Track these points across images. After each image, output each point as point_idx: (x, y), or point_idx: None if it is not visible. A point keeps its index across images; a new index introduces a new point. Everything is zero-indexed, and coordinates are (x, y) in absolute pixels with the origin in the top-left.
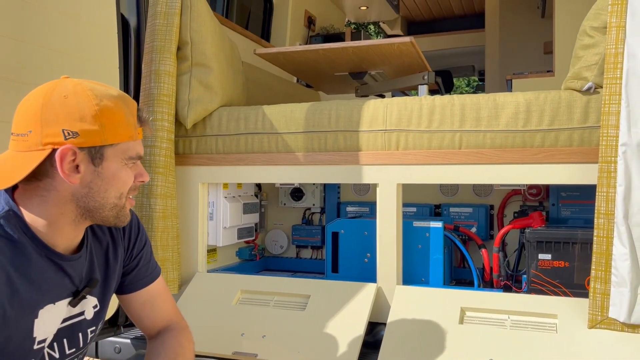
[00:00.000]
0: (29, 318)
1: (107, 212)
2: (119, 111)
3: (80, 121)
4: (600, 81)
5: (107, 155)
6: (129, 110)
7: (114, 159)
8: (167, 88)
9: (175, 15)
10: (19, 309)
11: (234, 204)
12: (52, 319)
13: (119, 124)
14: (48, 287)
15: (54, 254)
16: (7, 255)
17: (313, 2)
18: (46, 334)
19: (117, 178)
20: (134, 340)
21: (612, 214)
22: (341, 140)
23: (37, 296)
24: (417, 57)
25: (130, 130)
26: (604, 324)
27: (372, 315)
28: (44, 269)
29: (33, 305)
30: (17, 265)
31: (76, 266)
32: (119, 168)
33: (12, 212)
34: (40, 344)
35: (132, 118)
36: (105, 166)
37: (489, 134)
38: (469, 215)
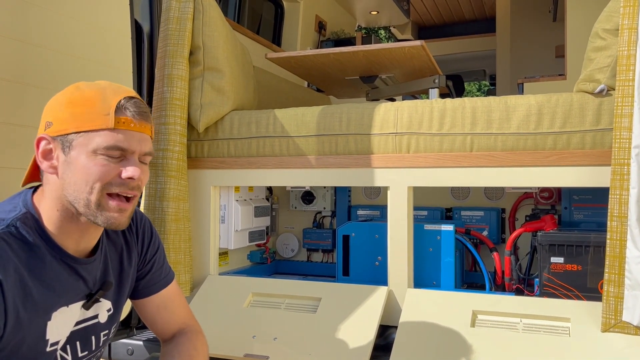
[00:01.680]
0: (42, 320)
1: (83, 208)
2: (94, 99)
3: (57, 110)
4: (613, 83)
5: (75, 143)
6: (110, 99)
7: (83, 148)
8: (180, 92)
9: (188, 20)
10: (32, 311)
11: (245, 207)
12: (65, 322)
13: (91, 111)
14: (62, 289)
15: (68, 257)
16: (21, 257)
17: (324, 7)
18: (59, 336)
19: (86, 169)
20: (147, 342)
21: (625, 216)
22: (352, 144)
23: (50, 299)
24: (428, 60)
25: (104, 119)
26: (618, 328)
27: (383, 318)
28: (58, 272)
29: (46, 308)
30: (31, 268)
31: (90, 269)
32: (91, 159)
33: (29, 214)
34: (53, 346)
35: (110, 107)
36: (74, 155)
37: (500, 137)
38: (480, 218)
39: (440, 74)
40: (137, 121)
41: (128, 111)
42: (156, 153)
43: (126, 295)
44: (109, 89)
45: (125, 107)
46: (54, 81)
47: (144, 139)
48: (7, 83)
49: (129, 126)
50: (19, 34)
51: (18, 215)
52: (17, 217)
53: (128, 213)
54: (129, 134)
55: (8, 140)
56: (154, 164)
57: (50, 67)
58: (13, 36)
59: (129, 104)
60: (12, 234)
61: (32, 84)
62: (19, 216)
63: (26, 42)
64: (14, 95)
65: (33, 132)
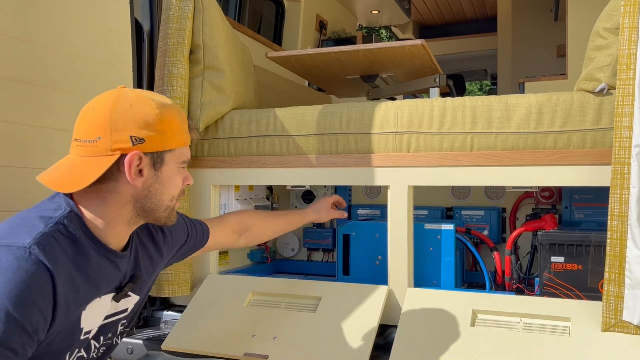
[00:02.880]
0: (80, 310)
1: (160, 213)
2: (176, 119)
3: (146, 128)
4: (613, 82)
5: (166, 159)
6: (182, 118)
7: (171, 164)
8: (180, 91)
9: (188, 19)
10: (77, 304)
11: (245, 206)
12: (97, 312)
13: (177, 130)
14: (102, 282)
15: (109, 251)
16: (69, 253)
17: (324, 7)
18: (91, 325)
19: (172, 181)
20: (146, 341)
21: (625, 216)
22: (352, 143)
23: (92, 292)
24: (429, 59)
25: (184, 136)
26: (618, 327)
27: (383, 317)
28: (101, 265)
29: (87, 300)
30: (78, 264)
31: (125, 262)
32: (174, 172)
33: (74, 213)
34: (86, 335)
35: (185, 125)
36: (164, 170)
37: (500, 136)
38: (480, 218)
39: (441, 73)
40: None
41: (192, 129)
42: None
43: (148, 290)
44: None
45: (191, 127)
46: (54, 80)
47: None
48: (8, 82)
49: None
50: (20, 33)
51: (64, 213)
52: (63, 215)
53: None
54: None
55: (9, 139)
56: None
57: (51, 66)
58: (14, 35)
59: (190, 123)
60: (60, 231)
61: (32, 82)
62: (65, 214)
63: (27, 41)
64: (14, 94)
65: (34, 131)
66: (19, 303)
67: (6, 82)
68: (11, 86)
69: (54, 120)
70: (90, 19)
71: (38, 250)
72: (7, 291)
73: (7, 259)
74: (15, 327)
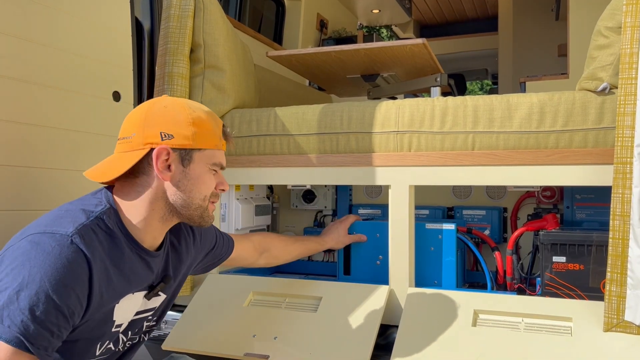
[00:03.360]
0: (113, 303)
1: (192, 211)
2: (208, 122)
3: (176, 126)
4: (616, 81)
5: (195, 158)
6: (216, 124)
7: (200, 163)
8: (180, 90)
9: (189, 18)
10: (111, 295)
11: (246, 206)
12: (129, 307)
13: (207, 132)
14: (134, 278)
15: (142, 250)
16: (105, 247)
17: (325, 6)
18: (122, 320)
19: (201, 181)
20: (147, 341)
21: (627, 215)
22: (353, 142)
23: (125, 286)
24: (430, 58)
25: (216, 139)
26: (620, 327)
27: (384, 317)
28: (134, 262)
29: (121, 294)
30: (112, 257)
31: (158, 262)
32: (204, 172)
33: (112, 210)
34: (117, 328)
35: (218, 130)
36: (192, 168)
37: (502, 135)
38: (482, 217)
39: (442, 72)
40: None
41: (227, 136)
42: None
43: (176, 292)
44: (212, 114)
45: (226, 134)
46: (54, 79)
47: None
48: (9, 80)
49: (225, 147)
50: (20, 31)
51: (104, 209)
52: (103, 211)
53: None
54: (223, 152)
55: (10, 138)
56: None
57: (51, 64)
58: (14, 34)
59: (226, 130)
60: (99, 225)
61: (33, 81)
62: (105, 210)
63: (27, 40)
64: (15, 93)
65: (34, 130)
66: (59, 287)
67: (6, 81)
68: (10, 85)
69: (55, 119)
70: (90, 17)
71: (79, 239)
72: (48, 275)
73: (51, 244)
74: (53, 308)
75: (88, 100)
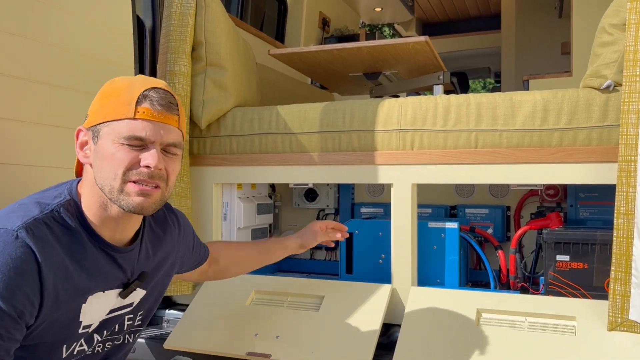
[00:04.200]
0: (78, 303)
1: (108, 194)
2: (121, 91)
3: (92, 104)
4: (620, 79)
5: (102, 133)
6: (130, 92)
7: (107, 138)
8: (182, 88)
9: (190, 16)
10: (71, 292)
11: (248, 205)
12: (100, 307)
13: (116, 103)
14: (99, 275)
15: (105, 244)
16: (62, 241)
17: (327, 4)
18: (92, 320)
19: (111, 157)
20: (149, 340)
21: (632, 213)
22: (355, 140)
23: (88, 283)
24: (432, 56)
25: (125, 109)
26: (624, 327)
27: (386, 316)
28: (97, 258)
29: (84, 291)
30: (72, 252)
31: (128, 258)
32: (115, 147)
33: (72, 201)
34: (85, 329)
35: (133, 98)
36: (100, 144)
37: (505, 133)
38: (485, 216)
39: (444, 71)
40: (157, 111)
41: (149, 101)
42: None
43: (162, 291)
44: (139, 80)
45: (147, 97)
46: (55, 77)
47: (166, 129)
48: (9, 79)
49: (148, 116)
50: (21, 30)
51: (62, 201)
52: (60, 203)
53: (153, 199)
54: (147, 124)
55: (11, 137)
56: None
57: (52, 63)
58: (15, 32)
59: (153, 93)
60: (55, 218)
61: (33, 80)
62: (63, 202)
63: (28, 39)
64: (15, 92)
65: (35, 128)
66: (3, 287)
67: (6, 79)
68: (11, 83)
69: (55, 118)
70: (92, 15)
71: (25, 234)
72: None
73: None
74: None
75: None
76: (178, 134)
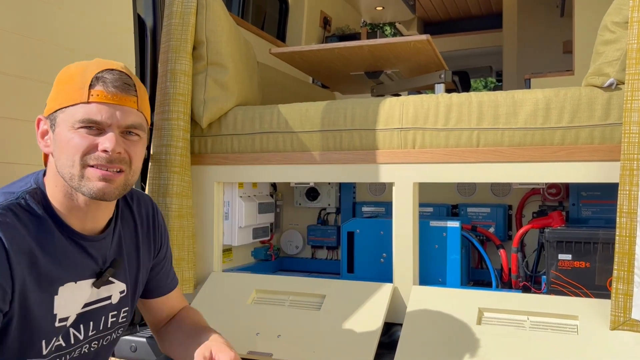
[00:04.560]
0: (48, 293)
1: (69, 182)
2: (73, 76)
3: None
4: (622, 77)
5: (59, 120)
6: (83, 74)
7: (63, 124)
8: (183, 87)
9: (191, 15)
10: (38, 281)
11: (249, 204)
12: (75, 298)
13: (69, 87)
14: (69, 264)
15: (74, 233)
16: (29, 228)
17: (328, 3)
18: (68, 312)
19: (67, 144)
20: (150, 339)
21: (634, 212)
22: (357, 139)
23: (57, 272)
24: (434, 55)
25: (78, 93)
26: (627, 326)
27: (388, 315)
28: (65, 247)
29: (52, 280)
30: (39, 240)
31: (100, 247)
32: (71, 134)
33: (39, 190)
34: (62, 322)
35: (86, 81)
36: (58, 132)
37: (507, 132)
38: (486, 215)
39: (446, 69)
40: (111, 93)
41: (102, 83)
42: (159, 149)
43: (142, 281)
44: (94, 64)
45: (101, 79)
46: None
47: (123, 111)
48: (10, 78)
49: (102, 98)
50: (22, 28)
51: (28, 189)
52: (27, 190)
53: (115, 184)
54: (102, 107)
55: (11, 136)
56: (157, 159)
57: (53, 62)
58: (16, 31)
59: (107, 75)
60: (21, 205)
61: (34, 79)
62: (29, 190)
63: (29, 37)
64: (16, 91)
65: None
66: None
67: (6, 78)
68: (11, 82)
69: None
70: (93, 14)
71: None
72: None
73: None
74: None
75: None
76: (137, 115)
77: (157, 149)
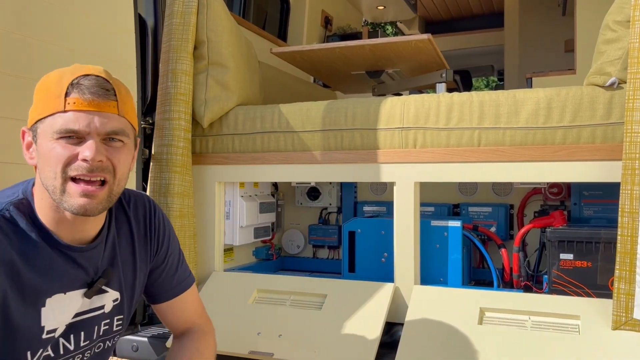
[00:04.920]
0: (33, 305)
1: (52, 195)
2: (50, 85)
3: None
4: (624, 76)
5: (39, 131)
6: (65, 81)
7: (44, 135)
8: (184, 87)
9: (192, 15)
10: (22, 293)
11: (250, 203)
12: (63, 309)
13: (46, 97)
14: (56, 276)
15: (62, 245)
16: (12, 241)
17: (330, 2)
18: (56, 324)
19: (48, 155)
20: (151, 339)
21: (636, 212)
22: (358, 139)
23: (43, 284)
24: (435, 54)
25: (55, 102)
26: (629, 325)
27: (389, 315)
28: (53, 259)
29: (38, 293)
30: (22, 252)
31: (90, 257)
32: (51, 144)
33: (26, 201)
34: (50, 334)
35: (62, 89)
36: (39, 143)
37: (508, 131)
38: (488, 214)
39: (447, 69)
40: (87, 100)
41: (77, 90)
42: (160, 148)
43: (138, 289)
44: (70, 70)
45: (76, 86)
46: None
47: (102, 117)
48: (10, 78)
49: (79, 106)
50: (23, 29)
51: (14, 200)
52: (12, 202)
53: (98, 199)
54: (79, 115)
55: (11, 136)
56: (158, 159)
57: (53, 62)
58: (16, 31)
59: (83, 81)
60: (4, 217)
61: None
62: (14, 201)
63: (29, 37)
64: (16, 91)
65: None
66: None
67: (6, 78)
68: (11, 82)
69: None
70: (93, 14)
71: None
72: None
73: None
74: None
75: None
76: (119, 120)
77: (159, 148)
